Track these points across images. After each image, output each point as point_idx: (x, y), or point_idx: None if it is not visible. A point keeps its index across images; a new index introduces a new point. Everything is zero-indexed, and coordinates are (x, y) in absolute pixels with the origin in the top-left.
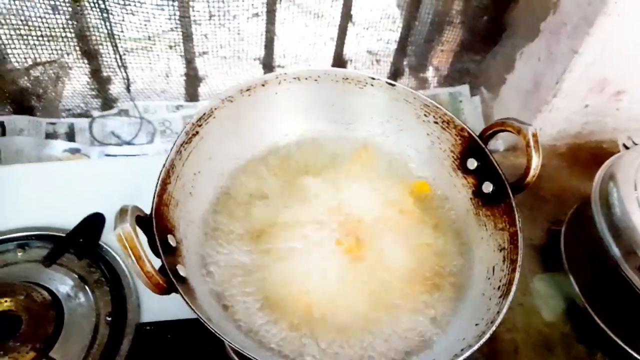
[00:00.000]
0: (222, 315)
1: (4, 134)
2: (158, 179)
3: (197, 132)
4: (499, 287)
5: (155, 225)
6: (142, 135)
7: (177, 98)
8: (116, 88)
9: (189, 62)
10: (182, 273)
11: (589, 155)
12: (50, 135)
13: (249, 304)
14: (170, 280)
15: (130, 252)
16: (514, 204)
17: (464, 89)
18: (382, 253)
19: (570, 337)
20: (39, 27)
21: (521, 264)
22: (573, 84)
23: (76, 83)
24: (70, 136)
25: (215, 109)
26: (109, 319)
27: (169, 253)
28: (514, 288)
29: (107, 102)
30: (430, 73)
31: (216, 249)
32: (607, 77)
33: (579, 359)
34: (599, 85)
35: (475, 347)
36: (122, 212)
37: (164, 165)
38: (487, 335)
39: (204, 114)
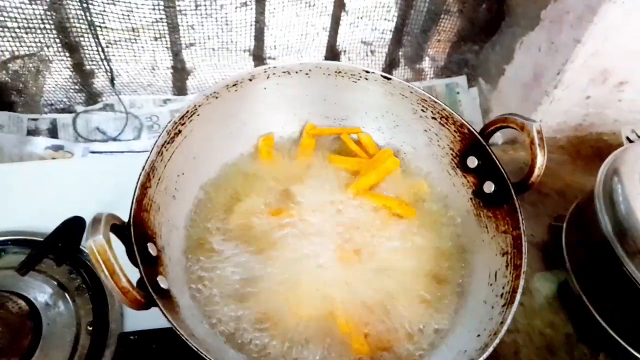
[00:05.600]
0: (209, 329)
1: None
2: (137, 183)
3: (180, 131)
4: (502, 295)
5: (134, 233)
6: (129, 131)
7: (164, 92)
8: (100, 82)
9: (176, 54)
10: (163, 285)
11: (590, 148)
12: (32, 132)
13: (239, 316)
14: (149, 294)
15: (103, 266)
16: (517, 206)
17: (461, 80)
18: (378, 258)
19: (573, 338)
20: (16, 18)
21: (525, 270)
22: (574, 75)
23: (58, 77)
24: (53, 132)
25: (199, 105)
26: (91, 328)
27: (149, 263)
28: (518, 296)
29: (91, 97)
30: (426, 64)
31: (202, 256)
32: (609, 67)
33: None
34: (601, 75)
35: None
36: (95, 221)
37: (143, 167)
38: (491, 349)
39: (187, 111)
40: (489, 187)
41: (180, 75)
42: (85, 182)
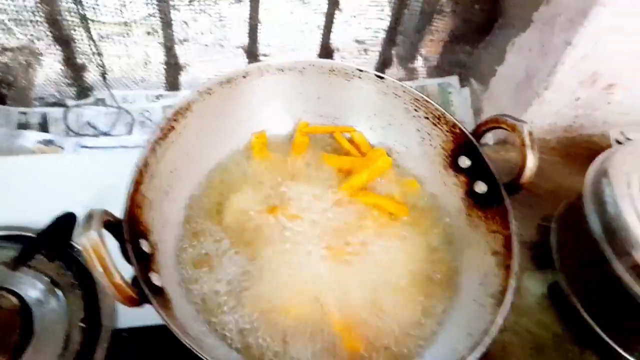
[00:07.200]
0: (202, 326)
1: None
2: (130, 179)
3: (174, 128)
4: (492, 295)
5: (127, 230)
6: (120, 126)
7: (157, 87)
8: (92, 76)
9: (169, 49)
10: (156, 282)
11: (581, 150)
12: (22, 126)
13: (232, 314)
14: (142, 291)
15: (96, 262)
16: (508, 206)
17: (454, 80)
18: (370, 256)
19: (561, 337)
20: (6, 10)
21: (517, 270)
22: (564, 77)
23: (49, 70)
24: (44, 126)
25: (193, 102)
26: (83, 324)
27: (143, 260)
28: (509, 296)
29: (83, 91)
30: (419, 63)
31: (195, 253)
32: (599, 70)
33: None
34: (591, 78)
35: None
36: (88, 217)
37: (136, 164)
38: (482, 347)
39: (181, 107)
40: (480, 187)
41: (173, 70)
42: (76, 177)
